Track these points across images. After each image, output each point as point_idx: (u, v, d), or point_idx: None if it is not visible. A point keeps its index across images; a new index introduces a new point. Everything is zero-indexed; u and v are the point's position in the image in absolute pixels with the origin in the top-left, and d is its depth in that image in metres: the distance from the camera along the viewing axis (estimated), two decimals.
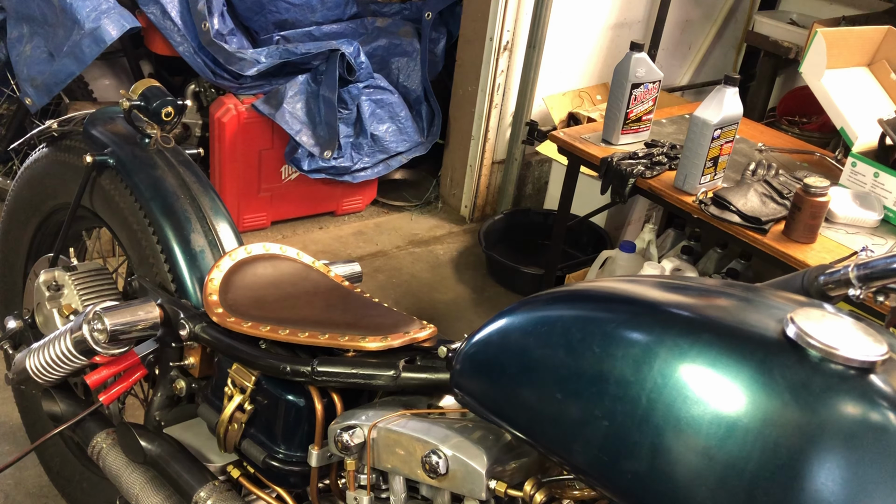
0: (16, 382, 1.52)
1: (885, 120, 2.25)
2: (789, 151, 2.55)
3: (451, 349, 1.05)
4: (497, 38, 3.24)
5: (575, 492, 0.95)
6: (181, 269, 1.44)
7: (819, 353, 0.74)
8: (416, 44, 3.40)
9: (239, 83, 3.03)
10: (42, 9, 2.72)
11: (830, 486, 0.68)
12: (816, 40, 2.39)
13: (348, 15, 3.32)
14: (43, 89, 2.78)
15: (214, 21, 2.93)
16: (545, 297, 0.96)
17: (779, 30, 3.60)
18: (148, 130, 1.55)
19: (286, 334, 1.21)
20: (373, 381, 1.12)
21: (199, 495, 1.27)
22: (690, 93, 3.96)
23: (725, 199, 2.09)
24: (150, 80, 1.57)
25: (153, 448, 1.34)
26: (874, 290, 0.98)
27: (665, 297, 0.87)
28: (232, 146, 3.09)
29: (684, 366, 0.77)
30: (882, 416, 0.71)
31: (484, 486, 0.96)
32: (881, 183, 2.17)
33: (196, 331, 1.32)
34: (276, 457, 1.22)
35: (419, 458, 1.01)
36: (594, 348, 0.83)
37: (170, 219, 1.47)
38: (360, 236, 3.41)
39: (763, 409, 0.73)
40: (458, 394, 1.01)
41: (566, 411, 0.84)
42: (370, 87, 3.18)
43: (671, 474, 0.75)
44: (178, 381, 1.38)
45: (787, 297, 0.87)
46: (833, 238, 2.05)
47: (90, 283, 1.61)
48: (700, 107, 2.15)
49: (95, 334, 1.32)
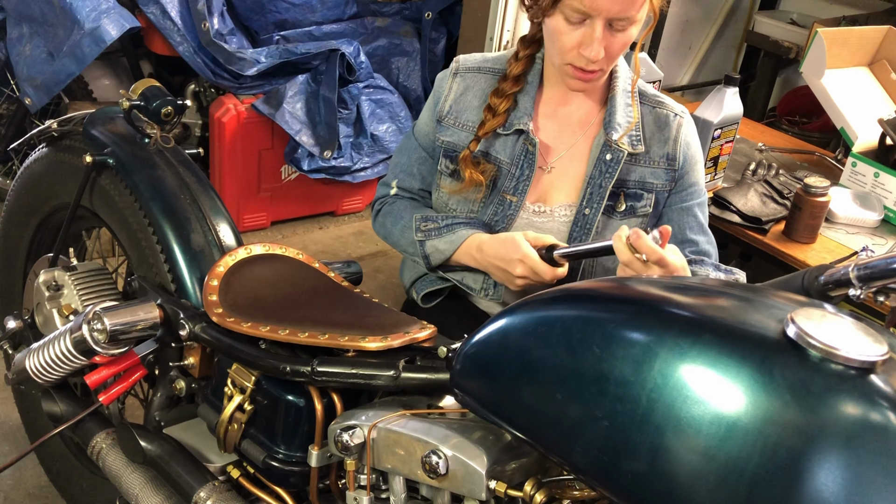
0: (16, 382, 1.52)
1: (885, 120, 2.25)
2: (789, 151, 2.55)
3: (451, 349, 1.05)
4: (497, 38, 3.23)
5: (575, 492, 0.95)
6: (181, 269, 1.44)
7: (819, 353, 0.74)
8: (416, 44, 3.40)
9: (239, 83, 3.03)
10: (42, 9, 2.72)
11: (830, 486, 0.68)
12: (816, 40, 2.39)
13: (348, 15, 3.32)
14: (43, 89, 2.78)
15: (214, 21, 2.93)
16: (545, 298, 0.96)
17: (779, 30, 3.60)
18: (148, 130, 1.55)
19: (286, 334, 1.21)
20: (373, 381, 1.12)
21: (199, 495, 1.27)
22: (690, 93, 3.96)
23: (725, 199, 2.09)
24: (150, 80, 1.57)
25: (153, 448, 1.34)
26: (874, 290, 0.98)
27: (665, 297, 0.87)
28: (232, 146, 3.09)
29: (684, 366, 0.77)
30: (882, 416, 0.71)
31: (484, 487, 0.96)
32: (881, 183, 2.17)
33: (196, 331, 1.32)
34: (276, 457, 1.22)
35: (419, 458, 1.01)
36: (594, 348, 0.83)
37: (170, 219, 1.47)
38: (360, 236, 3.41)
39: (763, 409, 0.73)
40: (458, 394, 1.01)
41: (566, 411, 0.84)
42: (370, 87, 3.18)
43: (671, 474, 0.75)
44: (178, 381, 1.38)
45: (788, 297, 0.87)
46: (833, 238, 2.05)
47: (90, 283, 1.61)
48: (700, 107, 2.15)
49: (95, 334, 1.32)
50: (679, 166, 1.56)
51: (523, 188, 1.55)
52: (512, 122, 1.54)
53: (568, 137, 1.56)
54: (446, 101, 1.60)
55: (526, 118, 1.53)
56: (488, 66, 1.59)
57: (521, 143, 1.54)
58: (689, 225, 1.60)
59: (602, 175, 1.52)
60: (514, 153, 1.55)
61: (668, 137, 1.55)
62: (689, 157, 1.58)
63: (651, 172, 1.55)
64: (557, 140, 1.57)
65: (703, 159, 1.66)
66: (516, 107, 1.54)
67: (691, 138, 1.59)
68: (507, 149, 1.55)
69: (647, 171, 1.55)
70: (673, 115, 1.56)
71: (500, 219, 1.56)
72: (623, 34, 1.38)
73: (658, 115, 1.56)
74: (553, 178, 1.56)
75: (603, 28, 1.35)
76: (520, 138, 1.54)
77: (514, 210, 1.56)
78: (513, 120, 1.54)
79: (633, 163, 1.53)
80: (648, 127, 1.55)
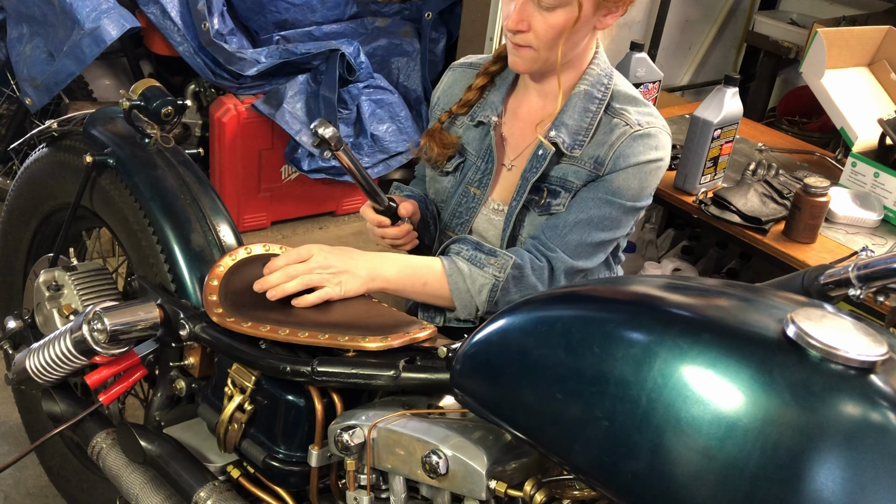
0: (16, 382, 1.52)
1: (885, 120, 2.25)
2: (789, 151, 2.55)
3: (451, 349, 1.05)
4: (497, 38, 3.23)
5: (575, 492, 0.95)
6: (181, 269, 1.44)
7: (819, 353, 0.74)
8: (416, 44, 3.40)
9: (239, 83, 3.03)
10: (42, 9, 2.72)
11: (830, 486, 0.68)
12: (816, 40, 2.39)
13: (348, 15, 3.32)
14: (43, 89, 2.78)
15: (214, 21, 2.93)
16: (545, 298, 0.96)
17: (779, 30, 3.59)
18: (148, 130, 1.55)
19: (286, 334, 1.21)
20: (373, 381, 1.12)
21: (199, 495, 1.27)
22: (690, 93, 3.95)
23: (725, 199, 2.09)
24: (150, 80, 1.57)
25: (153, 448, 1.34)
26: (874, 290, 0.99)
27: (665, 297, 0.87)
28: (232, 146, 3.09)
29: (684, 366, 0.77)
30: (882, 416, 0.71)
31: (484, 486, 0.96)
32: (881, 183, 2.17)
33: (196, 331, 1.32)
34: (276, 457, 1.22)
35: (419, 458, 1.01)
36: (594, 348, 0.83)
37: (170, 219, 1.47)
38: (360, 236, 3.41)
39: (763, 409, 0.73)
40: (458, 394, 1.01)
41: (566, 411, 0.84)
42: (370, 87, 3.18)
43: (671, 474, 0.75)
44: (178, 381, 1.38)
45: (788, 297, 0.87)
46: (833, 238, 2.05)
47: (90, 283, 1.61)
48: (700, 107, 2.15)
49: (95, 334, 1.32)
50: (604, 171, 1.47)
51: (486, 181, 1.58)
52: (476, 114, 1.59)
53: (529, 136, 1.56)
54: (436, 92, 1.69)
55: (490, 112, 1.57)
56: (479, 63, 1.64)
57: (487, 138, 1.58)
58: (580, 206, 1.48)
59: (531, 168, 1.52)
60: (482, 147, 1.59)
61: (605, 143, 1.47)
62: (621, 165, 1.46)
63: (574, 171, 1.49)
64: (519, 139, 1.58)
65: (649, 177, 1.49)
66: (486, 101, 1.59)
67: (633, 152, 1.45)
68: (475, 141, 1.60)
69: (571, 170, 1.49)
70: (622, 125, 1.47)
71: (464, 210, 1.61)
72: (550, 14, 1.37)
73: (611, 125, 1.48)
74: (512, 176, 1.58)
75: (524, 1, 1.38)
76: (487, 134, 1.57)
77: (476, 203, 1.60)
78: (477, 112, 1.59)
79: (562, 161, 1.50)
80: (598, 136, 1.49)
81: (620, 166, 1.46)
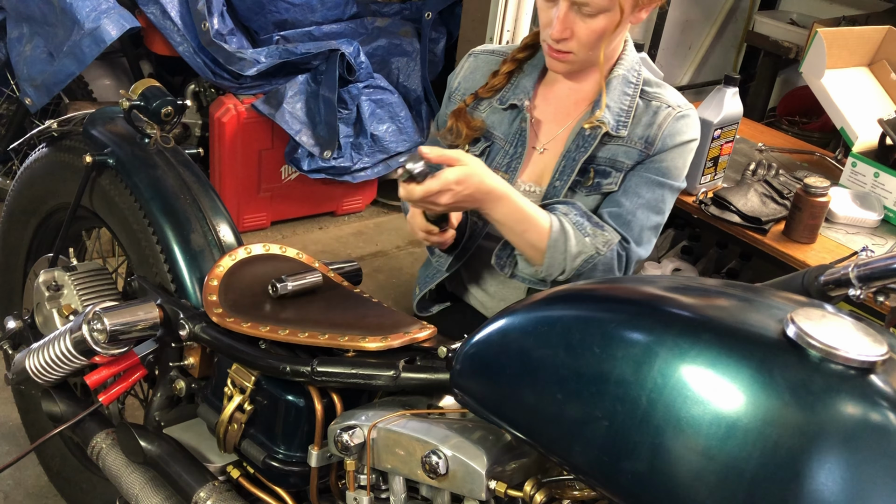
0: (15, 382, 1.52)
1: (885, 120, 2.25)
2: (789, 151, 2.55)
3: (450, 349, 1.05)
4: (497, 38, 3.23)
5: (575, 492, 0.95)
6: (181, 269, 1.44)
7: (819, 353, 0.74)
8: (416, 44, 3.40)
9: (239, 83, 3.03)
10: (42, 9, 2.72)
11: (830, 486, 0.68)
12: (816, 40, 2.39)
13: (348, 15, 3.32)
14: (43, 89, 2.78)
15: (214, 21, 2.93)
16: (545, 298, 0.96)
17: (779, 30, 3.60)
18: (148, 130, 1.55)
19: (286, 334, 1.21)
20: (373, 382, 1.12)
21: (199, 495, 1.27)
22: (690, 93, 3.95)
23: (725, 199, 2.09)
24: (149, 80, 1.57)
25: (153, 448, 1.34)
26: (874, 290, 0.98)
27: (665, 297, 0.87)
28: (232, 146, 3.09)
29: (684, 366, 0.77)
30: (882, 416, 0.71)
31: (484, 487, 0.96)
32: (881, 183, 2.17)
33: (196, 331, 1.32)
34: (276, 457, 1.22)
35: (419, 458, 1.01)
36: (594, 348, 0.83)
37: (170, 219, 1.47)
38: (360, 236, 3.41)
39: (763, 409, 0.73)
40: (458, 394, 1.01)
41: (566, 412, 0.84)
42: (370, 87, 3.18)
43: (671, 474, 0.75)
44: (178, 382, 1.38)
45: (787, 297, 0.87)
46: (833, 238, 2.05)
47: (90, 283, 1.61)
48: (700, 107, 2.15)
49: (95, 334, 1.32)
50: (655, 151, 1.52)
51: (515, 166, 1.58)
52: (507, 97, 1.59)
53: (563, 120, 1.58)
54: (456, 78, 1.68)
55: (523, 96, 1.57)
56: (501, 51, 1.65)
57: (517, 122, 1.58)
58: (635, 191, 1.53)
59: (578, 149, 1.52)
60: (510, 131, 1.59)
61: (653, 123, 1.52)
62: (669, 145, 1.52)
63: (625, 152, 1.52)
64: (552, 122, 1.59)
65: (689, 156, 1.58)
66: (516, 86, 1.59)
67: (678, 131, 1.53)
68: (503, 125, 1.60)
69: (622, 150, 1.52)
70: (665, 107, 1.53)
71: None
72: (592, 20, 1.40)
73: (651, 108, 1.54)
74: (546, 159, 1.58)
75: (567, 9, 1.39)
76: (516, 117, 1.58)
77: None
78: (509, 94, 1.59)
79: (609, 142, 1.53)
80: (639, 117, 1.54)
81: (668, 146, 1.52)
